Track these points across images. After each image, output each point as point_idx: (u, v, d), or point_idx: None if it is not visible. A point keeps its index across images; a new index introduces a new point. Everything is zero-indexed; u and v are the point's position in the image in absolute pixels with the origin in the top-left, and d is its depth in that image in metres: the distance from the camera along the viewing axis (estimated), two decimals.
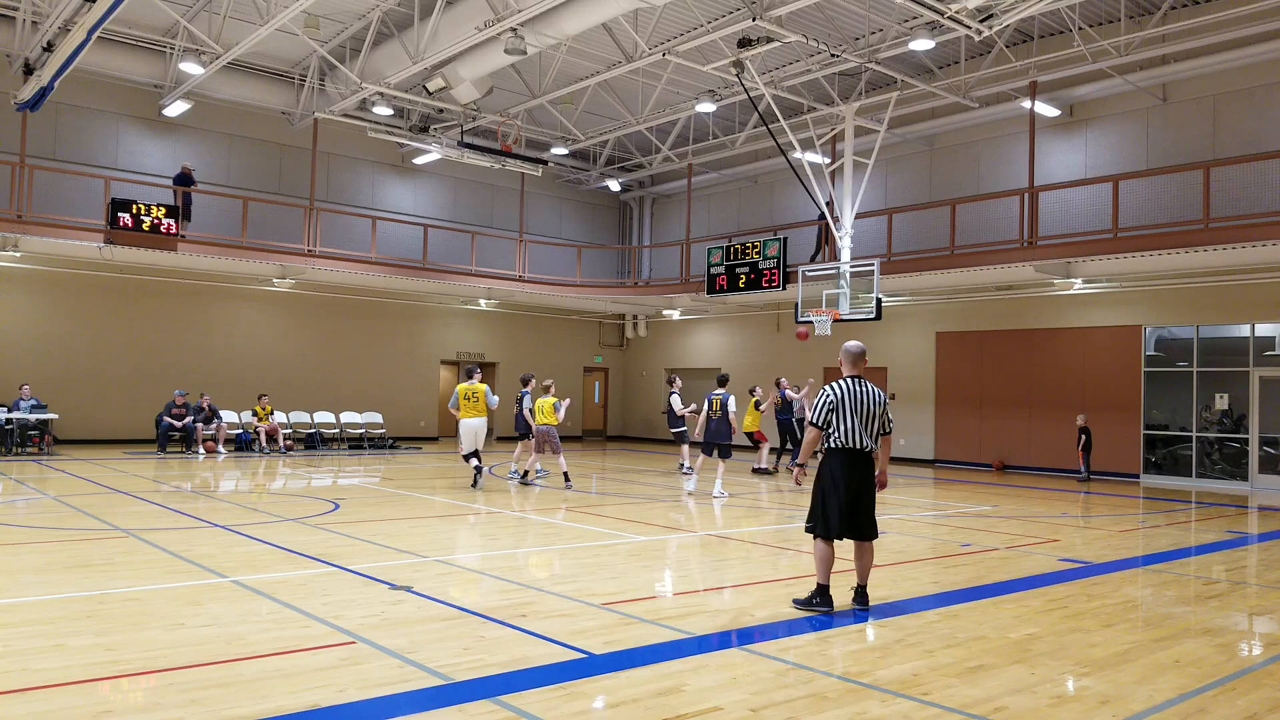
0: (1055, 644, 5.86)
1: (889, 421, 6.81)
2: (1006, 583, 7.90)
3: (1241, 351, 17.38)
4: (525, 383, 15.66)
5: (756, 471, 18.03)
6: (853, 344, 6.96)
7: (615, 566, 8.37)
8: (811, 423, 6.74)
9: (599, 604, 6.65)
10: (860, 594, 6.73)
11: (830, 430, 6.64)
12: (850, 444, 6.59)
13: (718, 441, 13.78)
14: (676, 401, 16.64)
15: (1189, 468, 17.76)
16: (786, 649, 5.65)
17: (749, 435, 18.21)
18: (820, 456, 6.87)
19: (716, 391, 13.90)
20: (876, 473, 6.79)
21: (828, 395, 6.67)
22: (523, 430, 15.70)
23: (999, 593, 7.45)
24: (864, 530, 6.67)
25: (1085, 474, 18.35)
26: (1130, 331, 18.63)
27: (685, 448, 17.29)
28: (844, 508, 6.56)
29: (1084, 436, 18.46)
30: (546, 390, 15.03)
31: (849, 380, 6.74)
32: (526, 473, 15.06)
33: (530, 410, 14.89)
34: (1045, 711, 4.60)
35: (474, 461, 14.10)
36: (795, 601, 6.67)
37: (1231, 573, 8.93)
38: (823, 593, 6.55)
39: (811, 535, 6.73)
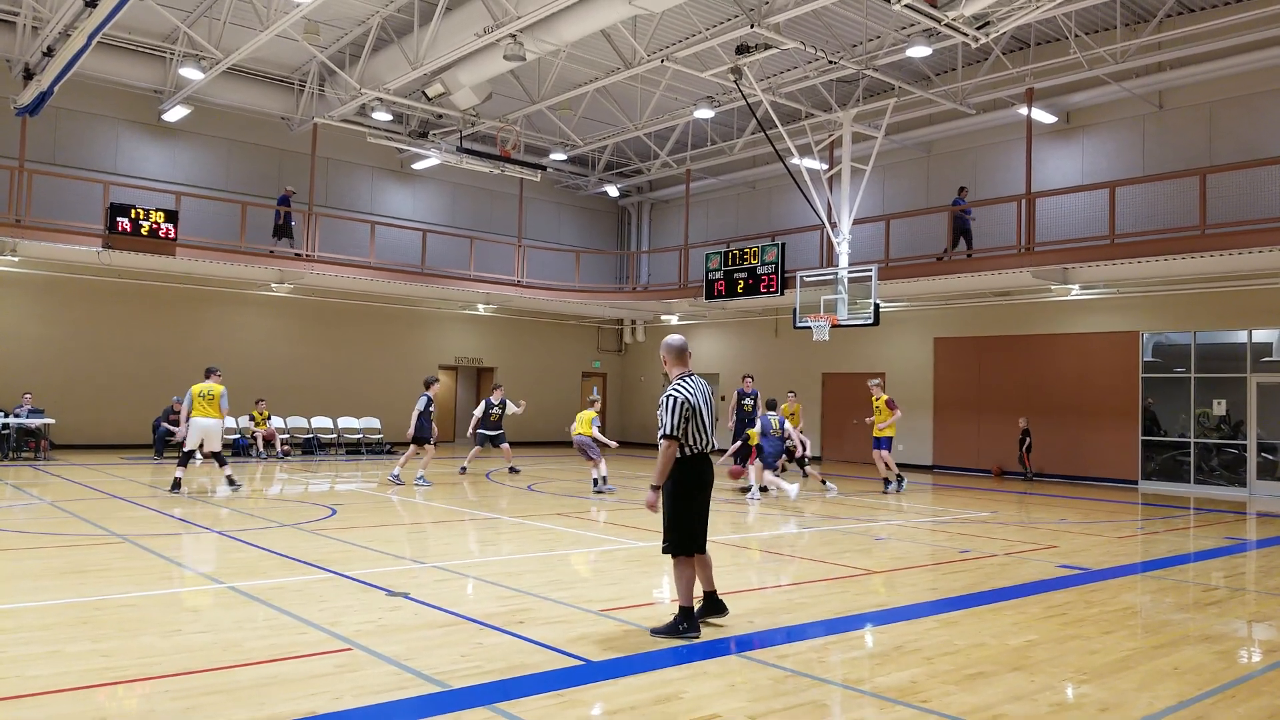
0: (1054, 651, 5.86)
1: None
2: (1005, 589, 7.89)
3: (1239, 357, 17.39)
4: (428, 385, 15.45)
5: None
6: (675, 338, 6.44)
7: (613, 573, 8.37)
8: (669, 435, 5.96)
9: (597, 610, 6.64)
10: (715, 601, 6.28)
11: (684, 439, 6.02)
12: (704, 448, 6.12)
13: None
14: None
15: (1187, 474, 17.76)
16: (785, 656, 5.64)
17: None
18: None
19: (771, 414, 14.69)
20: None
21: (681, 401, 5.98)
22: (419, 435, 15.21)
23: (998, 599, 7.45)
24: (707, 535, 6.24)
25: (1028, 474, 19.43)
26: (1128, 337, 18.65)
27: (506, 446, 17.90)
28: (703, 517, 6.14)
29: (1026, 439, 19.43)
30: (592, 405, 16.14)
31: (689, 380, 6.18)
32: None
33: (425, 412, 15.18)
34: (1044, 719, 4.59)
35: (183, 469, 13.57)
36: (654, 631, 5.98)
37: (1230, 579, 8.92)
38: (689, 615, 5.95)
39: (672, 556, 6.10)
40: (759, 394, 17.01)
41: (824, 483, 15.65)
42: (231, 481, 13.84)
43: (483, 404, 17.76)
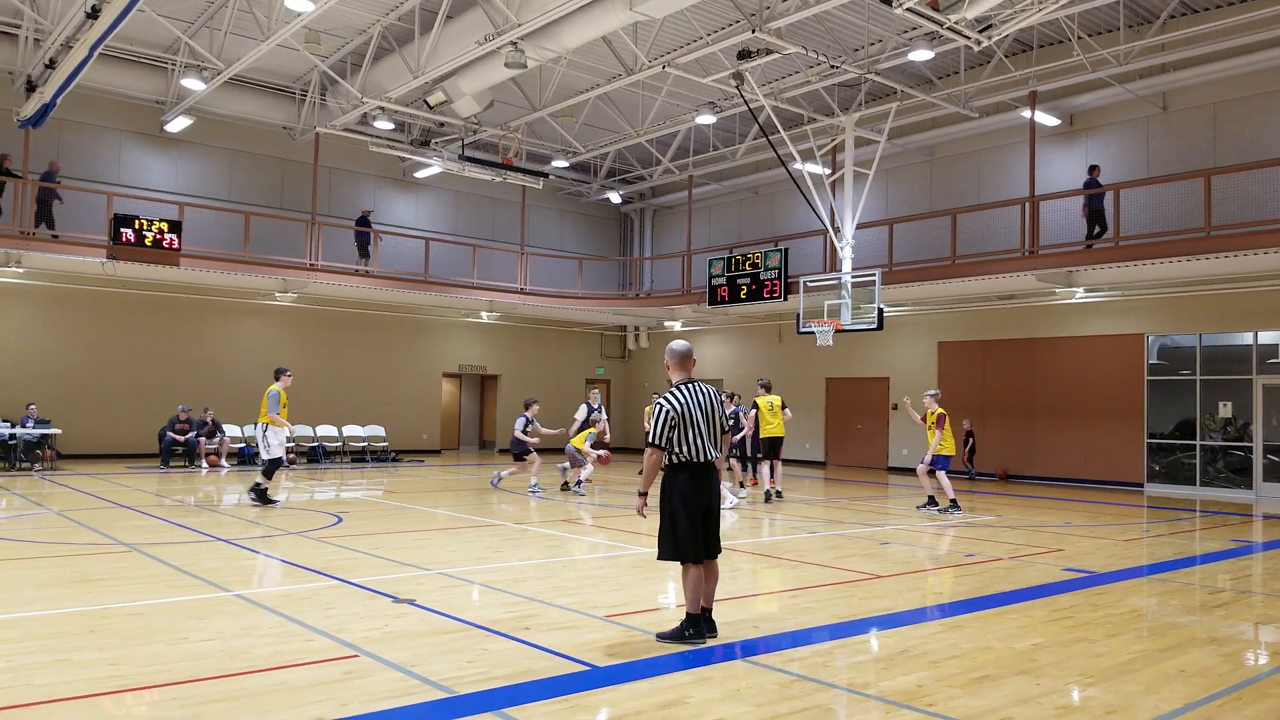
0: (1060, 654, 5.84)
1: (727, 420, 6.24)
2: (1011, 593, 7.87)
3: (1244, 360, 17.35)
4: (527, 406, 15.69)
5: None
6: (680, 344, 6.29)
7: (618, 578, 8.36)
8: (651, 443, 6.01)
9: (602, 616, 6.64)
10: (708, 620, 6.06)
11: (674, 447, 5.99)
12: (696, 458, 5.99)
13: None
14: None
15: (1193, 476, 17.71)
16: (790, 660, 5.63)
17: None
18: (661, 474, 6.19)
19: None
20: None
21: (667, 410, 5.95)
22: (517, 451, 15.55)
23: (1003, 603, 7.43)
24: (714, 547, 6.09)
25: (971, 474, 20.17)
26: (1133, 340, 18.62)
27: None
28: (698, 527, 5.98)
29: (970, 440, 20.33)
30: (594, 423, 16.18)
31: (685, 388, 6.10)
32: (568, 484, 15.88)
33: (524, 430, 15.42)
34: None
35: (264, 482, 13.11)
36: (660, 636, 5.98)
37: (1236, 582, 8.90)
38: (695, 622, 5.95)
39: (679, 563, 6.07)
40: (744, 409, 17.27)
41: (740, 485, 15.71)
42: (255, 493, 12.94)
43: (584, 408, 16.36)
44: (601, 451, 15.17)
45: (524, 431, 15.42)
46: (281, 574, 8.04)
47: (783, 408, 15.20)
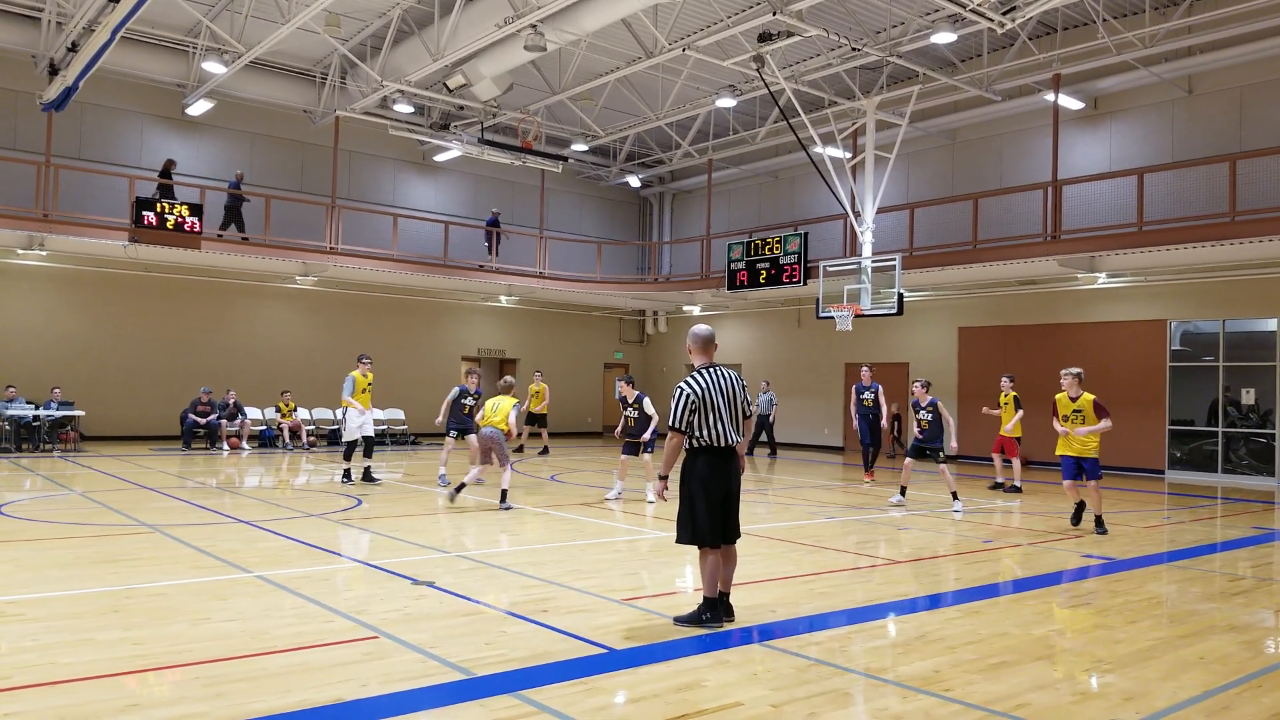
0: (1078, 640, 5.82)
1: (749, 405, 6.20)
2: (1029, 579, 7.85)
3: (1268, 346, 17.15)
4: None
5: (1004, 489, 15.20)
6: (702, 328, 6.27)
7: (635, 562, 8.39)
8: (673, 427, 5.96)
9: (619, 599, 6.67)
10: (725, 604, 6.07)
11: (694, 431, 5.98)
12: (716, 442, 5.97)
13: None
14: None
15: (1215, 463, 17.55)
16: (807, 645, 5.64)
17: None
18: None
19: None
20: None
21: (687, 394, 5.94)
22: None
23: (1021, 589, 7.41)
24: (732, 532, 6.07)
25: (893, 454, 21.30)
26: (1155, 326, 18.43)
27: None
28: (716, 511, 5.97)
29: (896, 423, 21.66)
30: (507, 389, 11.98)
31: (706, 372, 6.07)
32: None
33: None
34: (1068, 708, 4.57)
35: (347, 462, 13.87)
36: (678, 620, 6.01)
37: (1257, 569, 8.83)
38: (712, 606, 5.97)
39: (698, 547, 6.06)
40: (880, 388, 16.04)
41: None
42: (357, 476, 13.95)
43: (456, 389, 14.86)
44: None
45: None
46: (302, 555, 8.12)
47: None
